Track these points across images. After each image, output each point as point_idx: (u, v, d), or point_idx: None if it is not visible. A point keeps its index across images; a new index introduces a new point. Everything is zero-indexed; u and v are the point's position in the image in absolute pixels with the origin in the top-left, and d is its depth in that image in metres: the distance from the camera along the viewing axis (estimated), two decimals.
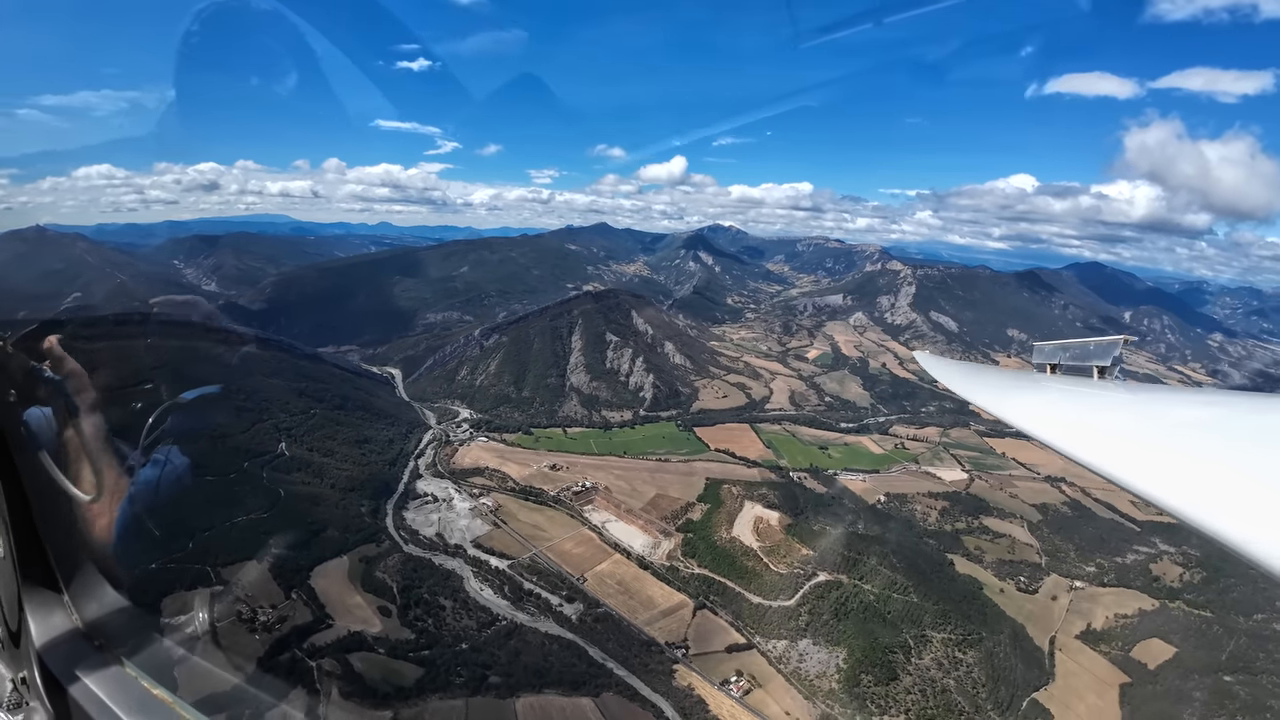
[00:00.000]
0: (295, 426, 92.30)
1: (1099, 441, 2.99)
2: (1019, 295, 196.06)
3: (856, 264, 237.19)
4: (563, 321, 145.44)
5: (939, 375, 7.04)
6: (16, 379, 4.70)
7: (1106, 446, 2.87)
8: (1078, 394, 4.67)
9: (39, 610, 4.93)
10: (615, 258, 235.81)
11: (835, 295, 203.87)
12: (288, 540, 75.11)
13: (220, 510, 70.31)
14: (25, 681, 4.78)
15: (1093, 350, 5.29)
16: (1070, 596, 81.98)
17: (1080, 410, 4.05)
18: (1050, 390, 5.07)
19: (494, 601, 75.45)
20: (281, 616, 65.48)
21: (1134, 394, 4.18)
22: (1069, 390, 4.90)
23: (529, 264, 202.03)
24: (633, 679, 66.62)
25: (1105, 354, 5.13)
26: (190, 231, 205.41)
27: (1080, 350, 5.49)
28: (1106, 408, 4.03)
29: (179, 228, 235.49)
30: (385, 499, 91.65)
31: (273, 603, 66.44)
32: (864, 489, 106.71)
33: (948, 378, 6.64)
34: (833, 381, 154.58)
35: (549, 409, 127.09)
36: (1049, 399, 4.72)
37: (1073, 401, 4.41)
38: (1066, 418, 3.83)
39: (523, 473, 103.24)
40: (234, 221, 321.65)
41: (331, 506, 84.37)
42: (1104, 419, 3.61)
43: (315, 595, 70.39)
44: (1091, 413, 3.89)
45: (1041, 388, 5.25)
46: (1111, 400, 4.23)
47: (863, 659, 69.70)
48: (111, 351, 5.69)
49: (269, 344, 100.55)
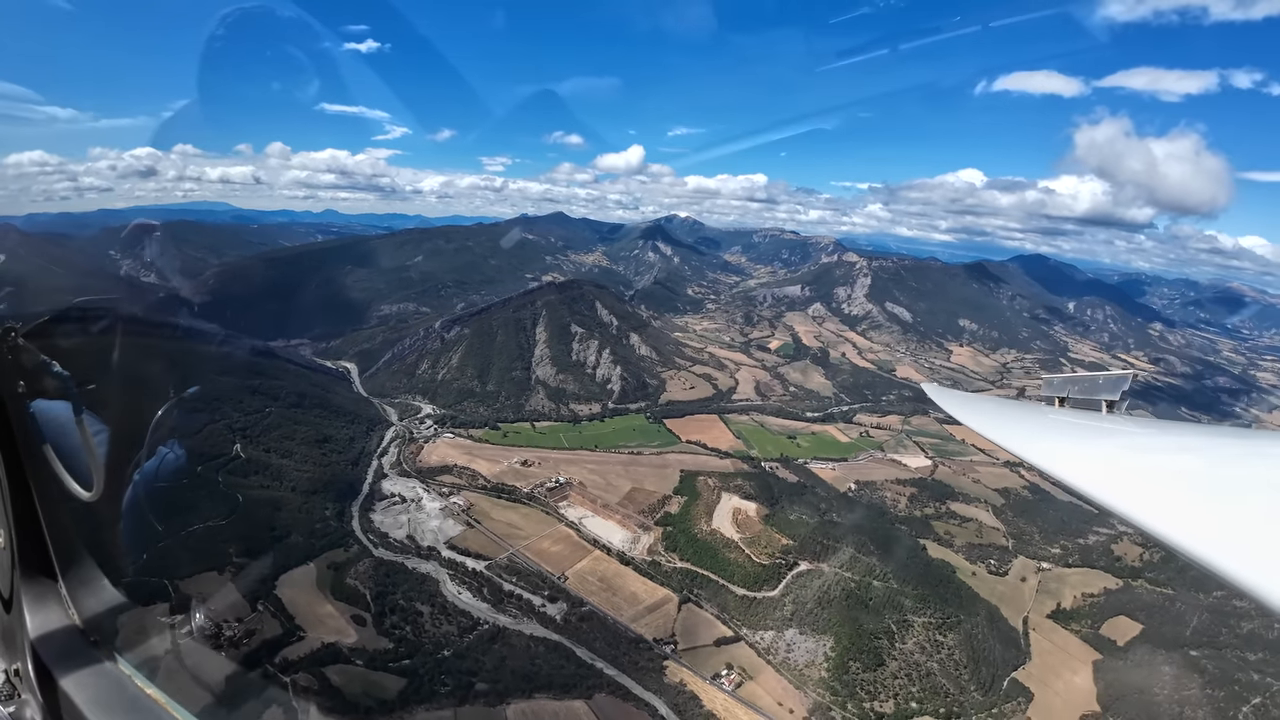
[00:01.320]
0: (250, 427, 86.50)
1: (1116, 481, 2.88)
2: (968, 286, 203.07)
3: (811, 255, 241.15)
4: (526, 313, 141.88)
5: (950, 409, 7.07)
6: (26, 371, 4.61)
7: (1123, 486, 2.79)
8: (1090, 430, 4.73)
9: (35, 603, 4.92)
10: (573, 247, 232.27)
11: (793, 286, 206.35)
12: (249, 549, 70.40)
13: (174, 518, 64.86)
14: (19, 674, 4.81)
15: (1101, 384, 5.45)
16: (1039, 578, 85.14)
17: (1095, 448, 4.01)
18: (1062, 426, 5.12)
19: (474, 605, 72.73)
20: (249, 630, 61.21)
21: (1145, 429, 4.33)
22: (1080, 426, 4.98)
23: (485, 253, 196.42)
24: (624, 678, 65.36)
25: (1114, 388, 5.29)
26: (126, 220, 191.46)
27: (1089, 384, 5.63)
28: (1120, 445, 4.00)
29: (114, 216, 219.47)
30: (350, 501, 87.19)
31: (238, 616, 62.00)
32: (834, 477, 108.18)
33: (959, 411, 6.67)
34: (796, 372, 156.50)
35: (515, 403, 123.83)
36: (1062, 436, 4.75)
37: (1086, 439, 4.45)
38: (1082, 456, 3.75)
39: (493, 470, 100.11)
40: (172, 209, 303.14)
41: (294, 511, 79.58)
42: (1118, 457, 3.53)
43: (283, 606, 66.22)
44: (1104, 449, 3.87)
45: (1053, 423, 5.31)
46: (1123, 436, 4.27)
47: (849, 646, 70.46)
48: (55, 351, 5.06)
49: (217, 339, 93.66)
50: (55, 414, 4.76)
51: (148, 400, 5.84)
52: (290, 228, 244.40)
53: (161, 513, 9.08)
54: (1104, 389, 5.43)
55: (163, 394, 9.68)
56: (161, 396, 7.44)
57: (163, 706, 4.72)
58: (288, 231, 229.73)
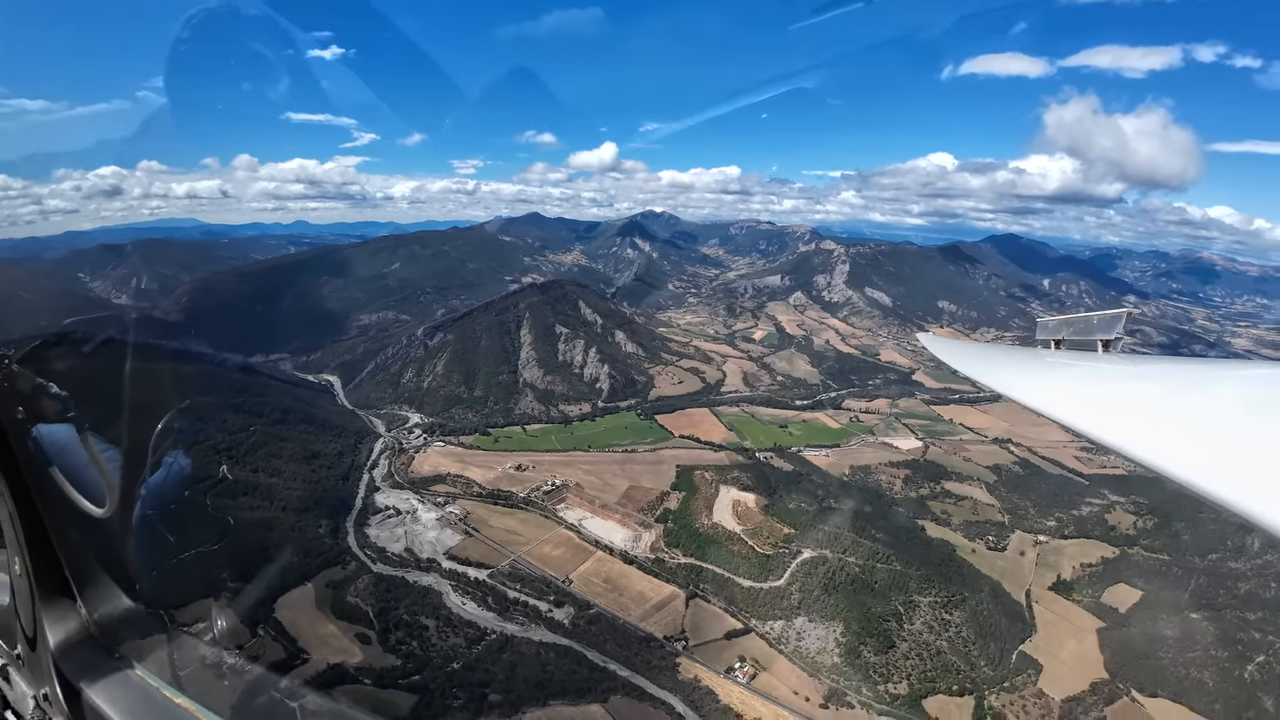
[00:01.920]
0: (235, 446, 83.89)
1: (1114, 420, 2.85)
2: (945, 268, 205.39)
3: (789, 245, 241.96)
4: (509, 315, 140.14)
5: (946, 358, 7.02)
6: (24, 396, 4.62)
7: (1121, 424, 2.75)
8: (1086, 370, 4.64)
9: (56, 625, 4.92)
10: (551, 247, 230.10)
11: (773, 276, 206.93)
12: (244, 572, 68.13)
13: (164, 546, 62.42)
14: (47, 698, 4.82)
15: (1096, 324, 5.39)
16: (1036, 551, 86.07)
17: (1092, 387, 3.95)
18: (1058, 367, 5.06)
19: (479, 615, 71.43)
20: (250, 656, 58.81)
21: (1143, 366, 4.29)
22: (1077, 367, 4.88)
23: (463, 257, 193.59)
24: (638, 678, 64.63)
25: (1109, 328, 5.22)
26: (94, 241, 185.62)
27: (1084, 325, 5.59)
28: (1118, 383, 3.92)
29: (81, 238, 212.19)
30: (343, 517, 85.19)
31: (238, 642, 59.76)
32: (828, 464, 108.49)
33: (954, 359, 6.59)
34: (782, 361, 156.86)
35: (504, 407, 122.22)
36: (1057, 377, 4.66)
37: (1083, 378, 4.36)
38: (1079, 395, 3.68)
39: (487, 476, 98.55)
40: (139, 228, 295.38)
41: (287, 530, 77.47)
42: (1116, 395, 3.43)
43: (283, 629, 64.45)
44: (1103, 389, 3.78)
45: (1048, 365, 5.27)
46: (1121, 375, 4.21)
47: (860, 630, 70.54)
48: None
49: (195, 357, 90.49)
50: (58, 436, 4.72)
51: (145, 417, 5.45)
52: (261, 240, 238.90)
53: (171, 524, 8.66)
54: (1099, 329, 5.39)
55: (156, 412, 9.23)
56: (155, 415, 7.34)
57: (190, 713, 4.76)
58: (259, 244, 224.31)
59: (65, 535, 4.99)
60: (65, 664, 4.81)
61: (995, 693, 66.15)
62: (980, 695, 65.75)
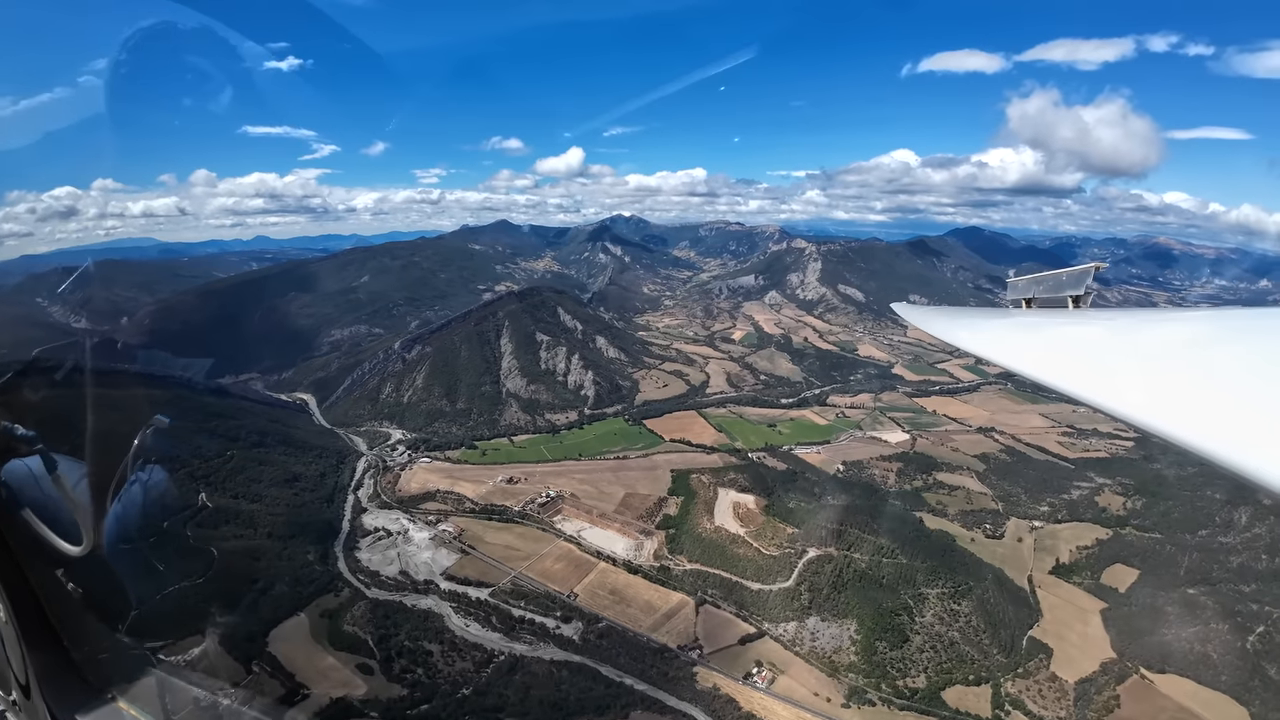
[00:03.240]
0: (212, 473, 79.43)
1: (1087, 373, 2.86)
2: (913, 263, 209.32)
3: (759, 245, 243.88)
4: (488, 325, 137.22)
5: (918, 323, 7.00)
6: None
7: (1094, 377, 2.76)
8: (1057, 326, 4.68)
9: (45, 667, 4.76)
10: (522, 255, 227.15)
11: (747, 276, 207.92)
12: (233, 605, 64.30)
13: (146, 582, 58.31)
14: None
15: (1065, 280, 5.37)
16: (1033, 536, 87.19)
17: (1063, 343, 3.88)
18: (1030, 326, 5.01)
19: (484, 636, 68.68)
20: (247, 696, 55.45)
21: (1112, 319, 4.41)
22: (1048, 324, 4.91)
23: (434, 268, 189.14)
24: (656, 691, 62.86)
25: (1077, 283, 5.21)
26: (50, 264, 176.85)
27: (1053, 282, 5.56)
28: (1087, 336, 3.90)
29: (36, 262, 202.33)
30: (331, 541, 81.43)
31: (234, 680, 56.15)
32: (821, 460, 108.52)
33: (927, 324, 6.53)
34: (763, 360, 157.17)
35: (489, 419, 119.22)
36: (1030, 336, 4.57)
37: (1053, 334, 4.34)
38: (1048, 349, 3.70)
39: (479, 491, 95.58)
40: (96, 249, 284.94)
41: (274, 559, 73.51)
42: (1083, 346, 3.47)
43: (279, 663, 60.84)
44: (1071, 342, 3.77)
45: (1020, 324, 5.23)
46: (1089, 327, 4.22)
47: (873, 627, 70.11)
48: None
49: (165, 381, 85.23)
50: (28, 476, 4.51)
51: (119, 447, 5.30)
52: (222, 258, 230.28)
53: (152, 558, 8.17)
54: (1068, 285, 5.30)
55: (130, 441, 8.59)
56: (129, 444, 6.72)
57: None
58: (220, 262, 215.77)
59: (46, 578, 4.78)
60: (56, 703, 4.65)
61: (1010, 679, 66.34)
62: (996, 683, 65.85)
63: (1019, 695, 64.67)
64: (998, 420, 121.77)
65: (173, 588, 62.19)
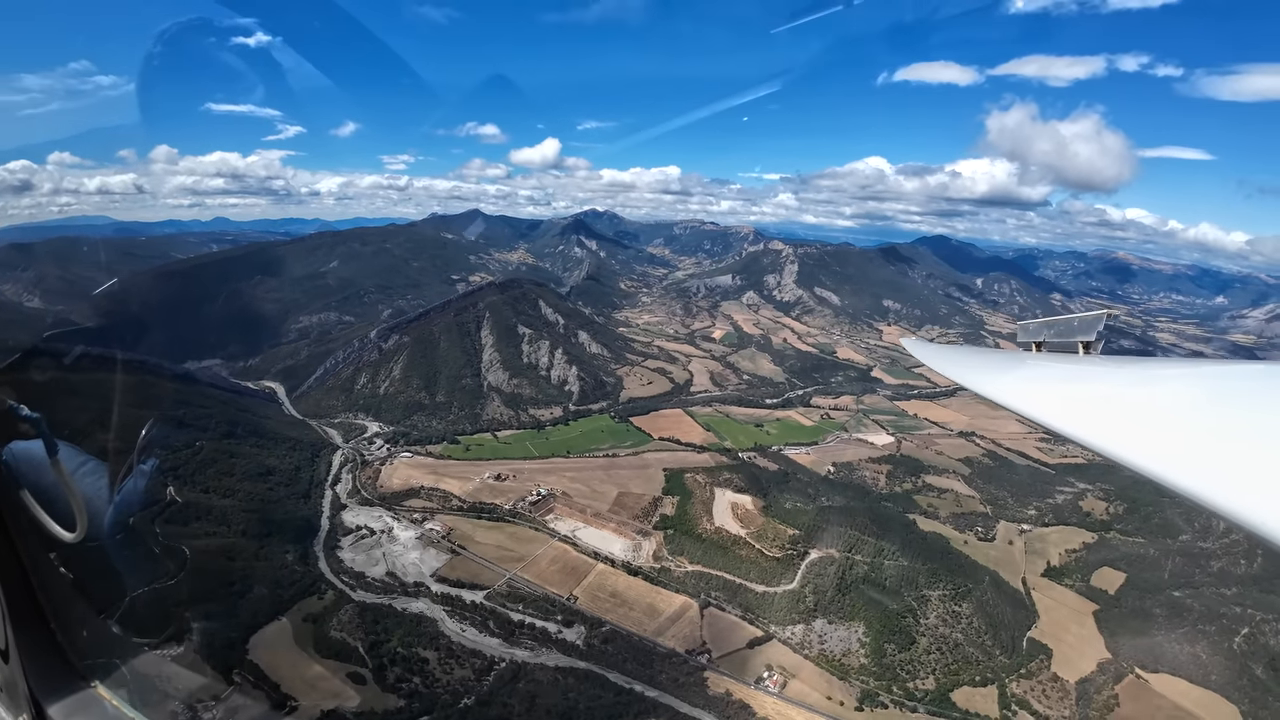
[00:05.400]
0: (180, 466, 73.29)
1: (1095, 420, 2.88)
2: (886, 268, 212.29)
3: (733, 245, 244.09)
4: (468, 316, 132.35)
5: (929, 361, 7.19)
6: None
7: (1103, 425, 2.78)
8: (1069, 373, 4.65)
9: (32, 652, 4.77)
10: (495, 246, 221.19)
11: (724, 276, 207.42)
12: (210, 608, 59.13)
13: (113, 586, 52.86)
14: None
15: (1077, 326, 5.43)
16: (1023, 539, 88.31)
17: (1076, 390, 3.89)
18: (1042, 372, 5.08)
19: (483, 642, 65.19)
20: (229, 711, 50.68)
21: (1129, 369, 4.22)
22: (1060, 369, 4.89)
23: (406, 255, 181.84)
24: (666, 698, 60.61)
25: (1089, 329, 5.24)
26: (2, 241, 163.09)
27: (1064, 327, 5.66)
28: (1099, 384, 3.89)
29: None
30: (310, 540, 76.38)
31: (212, 694, 51.22)
32: (811, 461, 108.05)
33: (937, 363, 6.83)
34: (745, 360, 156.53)
35: (470, 413, 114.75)
36: (1042, 381, 4.62)
37: (1064, 380, 4.35)
38: (1061, 397, 3.67)
39: (465, 488, 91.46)
40: (49, 226, 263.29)
41: (250, 558, 68.22)
42: (1097, 395, 3.45)
43: (262, 673, 56.15)
44: (1084, 390, 3.75)
45: (1032, 369, 5.29)
46: (1102, 375, 4.18)
47: (881, 630, 69.49)
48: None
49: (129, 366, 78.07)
50: (30, 457, 4.47)
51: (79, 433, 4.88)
52: (180, 239, 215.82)
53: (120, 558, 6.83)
54: (1080, 330, 5.29)
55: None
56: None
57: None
58: (179, 243, 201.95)
59: (39, 560, 4.76)
60: (41, 690, 4.61)
61: (1014, 680, 66.56)
62: (1002, 684, 65.95)
63: (1024, 696, 64.87)
64: (977, 425, 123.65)
65: (142, 589, 56.65)
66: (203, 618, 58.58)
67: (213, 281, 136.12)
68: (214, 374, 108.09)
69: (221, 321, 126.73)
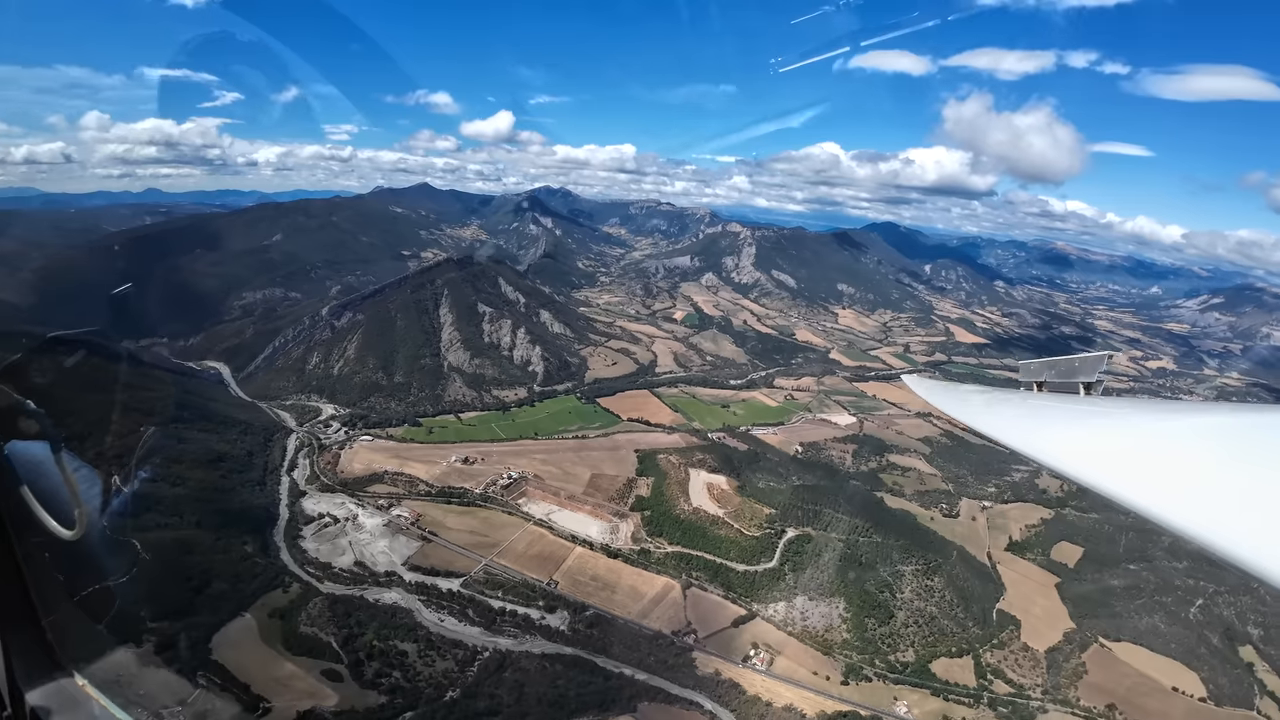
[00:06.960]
0: (126, 452, 67.13)
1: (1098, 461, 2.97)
2: (839, 253, 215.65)
3: (690, 226, 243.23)
4: (426, 293, 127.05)
5: (931, 399, 7.26)
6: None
7: (1105, 466, 2.85)
8: (1069, 412, 4.77)
9: (21, 650, 4.71)
10: (446, 221, 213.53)
11: (683, 257, 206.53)
12: (164, 608, 54.46)
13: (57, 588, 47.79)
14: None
15: (1078, 367, 5.49)
16: (985, 515, 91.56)
17: (1076, 430, 4.00)
18: (1044, 412, 5.13)
19: (463, 631, 62.78)
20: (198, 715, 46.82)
21: (1122, 409, 4.37)
22: (1060, 409, 5.00)
23: (354, 230, 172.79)
24: (657, 680, 59.96)
25: (1091, 370, 5.30)
26: None
27: (1066, 367, 5.71)
28: (1100, 425, 3.98)
29: None
30: (269, 529, 71.80)
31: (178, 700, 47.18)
32: (779, 441, 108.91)
33: (940, 401, 6.76)
34: (707, 341, 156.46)
35: (431, 394, 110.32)
36: (1043, 420, 4.73)
37: (1066, 420, 4.44)
38: (1064, 438, 3.74)
39: (432, 472, 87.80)
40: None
41: (207, 551, 63.40)
42: (1099, 437, 3.54)
43: (229, 674, 52.15)
44: (1086, 431, 3.85)
45: (1034, 410, 5.36)
46: (1103, 417, 4.27)
47: (861, 605, 70.66)
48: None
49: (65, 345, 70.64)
50: (31, 454, 4.33)
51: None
52: (112, 210, 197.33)
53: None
54: (1081, 371, 5.41)
55: None
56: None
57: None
58: (110, 215, 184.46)
59: (34, 559, 4.65)
60: (29, 688, 4.55)
61: (988, 650, 68.97)
62: (976, 654, 68.27)
63: (999, 665, 67.33)
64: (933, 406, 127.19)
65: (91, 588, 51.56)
66: (160, 616, 53.94)
67: (149, 256, 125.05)
68: (155, 354, 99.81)
69: (159, 298, 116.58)
